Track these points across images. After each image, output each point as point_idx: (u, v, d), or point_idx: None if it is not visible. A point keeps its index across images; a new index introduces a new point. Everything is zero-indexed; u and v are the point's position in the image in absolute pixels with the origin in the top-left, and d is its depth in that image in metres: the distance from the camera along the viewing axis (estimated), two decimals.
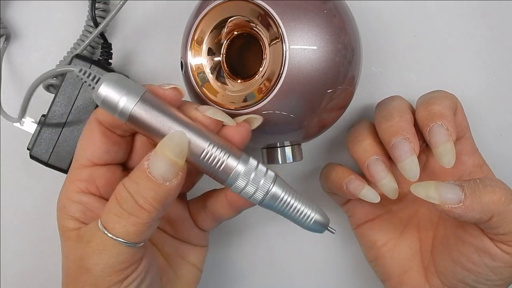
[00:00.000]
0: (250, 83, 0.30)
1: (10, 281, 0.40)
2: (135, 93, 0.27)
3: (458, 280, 0.31)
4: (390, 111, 0.32)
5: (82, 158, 0.30)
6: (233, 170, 0.28)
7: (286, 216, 0.29)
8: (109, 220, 0.27)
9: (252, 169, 0.28)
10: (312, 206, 0.29)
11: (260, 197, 0.28)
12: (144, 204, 0.26)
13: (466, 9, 0.37)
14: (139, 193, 0.26)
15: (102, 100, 0.27)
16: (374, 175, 0.32)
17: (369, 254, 0.36)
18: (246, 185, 0.28)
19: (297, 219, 0.29)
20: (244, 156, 0.28)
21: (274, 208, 0.29)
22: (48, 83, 0.37)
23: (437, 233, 0.34)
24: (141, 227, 0.26)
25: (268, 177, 0.28)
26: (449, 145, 0.30)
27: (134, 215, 0.26)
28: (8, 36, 0.38)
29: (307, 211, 0.29)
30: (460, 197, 0.28)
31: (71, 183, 0.30)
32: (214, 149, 0.27)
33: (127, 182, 0.27)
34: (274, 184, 0.28)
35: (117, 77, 0.27)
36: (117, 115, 0.27)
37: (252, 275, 0.41)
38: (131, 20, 0.38)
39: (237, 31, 0.31)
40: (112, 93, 0.27)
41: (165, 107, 0.27)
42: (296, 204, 0.28)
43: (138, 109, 0.27)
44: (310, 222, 0.29)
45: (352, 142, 0.34)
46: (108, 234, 0.26)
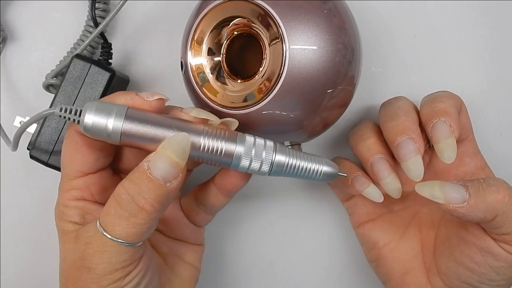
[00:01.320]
0: (250, 83, 0.30)
1: (10, 281, 0.40)
2: (119, 113, 0.27)
3: (461, 281, 0.31)
4: (396, 110, 0.32)
5: (72, 171, 0.30)
6: (234, 153, 0.28)
7: (296, 177, 0.30)
8: (109, 221, 0.27)
9: (251, 146, 0.29)
10: (317, 160, 0.30)
11: (267, 168, 0.29)
12: (145, 205, 0.26)
13: (466, 9, 0.37)
14: (139, 194, 0.26)
15: (91, 129, 0.27)
16: (378, 173, 0.32)
17: (370, 255, 0.36)
18: (251, 162, 0.29)
19: (307, 176, 0.30)
20: (240, 136, 0.29)
21: (283, 174, 0.30)
22: (48, 83, 0.37)
23: (439, 234, 0.34)
24: (141, 228, 0.26)
25: (268, 148, 0.29)
26: (451, 140, 0.30)
27: (134, 216, 0.26)
28: (5, 38, 0.38)
29: (315, 167, 0.30)
30: (465, 196, 0.28)
31: (65, 193, 0.30)
32: (209, 140, 0.28)
33: (127, 183, 0.27)
34: (276, 153, 0.29)
35: (97, 104, 0.28)
36: (109, 139, 0.28)
37: (252, 275, 0.41)
38: (131, 20, 0.38)
39: (237, 31, 0.31)
40: (98, 120, 0.27)
41: (151, 116, 0.28)
42: (302, 164, 0.30)
43: (127, 125, 0.27)
44: (320, 176, 0.30)
45: (356, 140, 0.34)
46: (107, 235, 0.26)
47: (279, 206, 0.40)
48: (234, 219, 0.40)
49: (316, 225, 0.40)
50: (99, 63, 0.35)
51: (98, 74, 0.35)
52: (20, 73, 0.39)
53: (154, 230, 0.33)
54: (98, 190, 0.31)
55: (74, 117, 0.28)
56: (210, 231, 0.40)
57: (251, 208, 0.40)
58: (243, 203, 0.40)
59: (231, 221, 0.40)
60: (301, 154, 0.30)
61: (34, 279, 0.40)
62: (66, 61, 0.36)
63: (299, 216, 0.40)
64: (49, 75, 0.37)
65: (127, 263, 0.27)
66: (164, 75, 0.38)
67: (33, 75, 0.39)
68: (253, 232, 0.41)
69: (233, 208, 0.40)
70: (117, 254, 0.27)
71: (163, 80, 0.38)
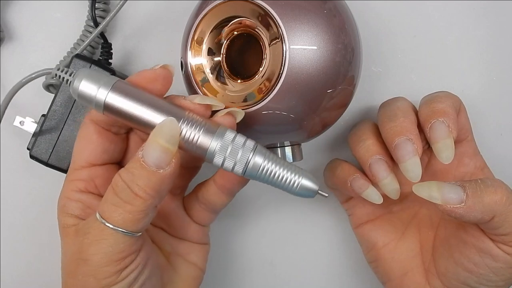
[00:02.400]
0: (250, 83, 0.30)
1: (10, 281, 0.40)
2: (107, 83, 0.28)
3: (460, 282, 0.31)
4: (394, 111, 0.32)
5: (80, 160, 0.30)
6: (208, 147, 0.28)
7: (272, 184, 0.28)
8: (106, 209, 0.27)
9: (229, 143, 0.28)
10: (298, 171, 0.28)
11: (241, 169, 0.28)
12: (139, 192, 0.26)
13: (466, 9, 0.37)
14: (133, 181, 0.26)
15: (79, 94, 0.28)
16: (376, 174, 0.32)
17: (370, 255, 0.36)
18: (224, 160, 0.28)
19: (283, 186, 0.28)
20: (220, 130, 0.28)
21: (258, 177, 0.28)
22: (48, 83, 0.37)
23: (438, 234, 0.34)
24: (137, 215, 0.27)
25: (246, 148, 0.28)
26: (449, 141, 0.30)
27: (129, 203, 0.27)
28: (2, 38, 0.38)
29: (292, 177, 0.28)
30: (462, 197, 0.28)
31: (70, 183, 0.31)
32: (188, 127, 0.28)
33: (123, 172, 0.27)
34: (254, 154, 0.28)
35: (89, 71, 0.28)
36: (95, 107, 0.28)
37: (252, 275, 0.41)
38: (131, 20, 0.38)
39: (237, 31, 0.31)
40: (86, 86, 0.28)
41: (138, 92, 0.28)
42: (280, 172, 0.28)
43: (111, 97, 0.28)
44: (297, 188, 0.28)
45: (354, 141, 0.34)
46: (105, 223, 0.27)
47: (279, 206, 0.40)
48: (234, 219, 0.40)
49: (316, 225, 0.40)
50: (99, 63, 0.35)
51: None
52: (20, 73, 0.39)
53: (157, 229, 0.33)
54: (103, 183, 0.31)
55: (68, 77, 0.29)
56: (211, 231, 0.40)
57: (251, 208, 0.40)
58: (243, 203, 0.40)
59: (231, 221, 0.40)
60: (282, 161, 0.28)
61: (34, 279, 0.40)
62: (66, 61, 0.36)
63: (299, 216, 0.40)
64: (49, 75, 0.37)
65: (124, 255, 0.27)
66: None
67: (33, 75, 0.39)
68: (253, 232, 0.41)
69: (233, 208, 0.40)
70: (114, 243, 0.27)
71: None
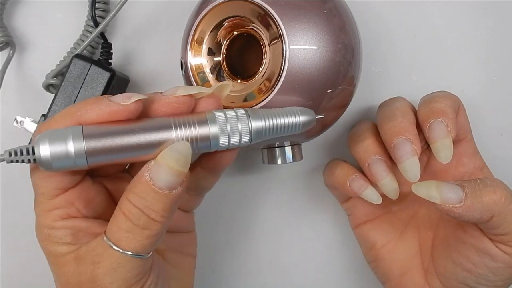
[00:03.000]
0: (250, 83, 0.30)
1: (10, 281, 0.40)
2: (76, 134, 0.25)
3: (458, 281, 0.31)
4: (393, 111, 0.32)
5: (49, 190, 0.27)
6: (210, 135, 0.27)
7: (277, 136, 0.29)
8: (122, 237, 0.26)
9: (225, 121, 0.27)
10: (292, 113, 0.29)
11: (247, 139, 0.28)
12: (156, 217, 0.26)
13: (466, 9, 0.37)
14: (148, 207, 0.25)
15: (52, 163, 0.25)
16: (375, 174, 0.32)
17: (369, 255, 0.36)
18: (229, 138, 0.27)
19: (288, 132, 0.29)
20: (210, 115, 0.27)
21: (264, 138, 0.29)
22: (48, 83, 0.37)
23: (437, 234, 0.34)
24: (154, 238, 0.26)
25: (242, 118, 0.28)
26: (447, 140, 0.30)
27: (147, 228, 0.26)
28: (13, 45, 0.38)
29: (292, 120, 0.28)
30: (461, 196, 0.28)
31: (48, 214, 0.27)
32: (181, 131, 0.27)
33: (132, 197, 0.26)
34: (251, 120, 0.28)
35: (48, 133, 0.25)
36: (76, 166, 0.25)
37: (252, 275, 0.41)
38: (131, 20, 0.38)
39: (237, 31, 0.31)
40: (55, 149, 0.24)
41: (112, 127, 0.25)
42: (279, 122, 0.28)
43: (90, 144, 0.25)
44: (300, 127, 0.29)
45: (354, 141, 0.34)
46: (124, 252, 0.25)
47: (279, 206, 0.40)
48: (234, 219, 0.40)
49: (315, 225, 0.40)
50: (99, 63, 0.35)
51: (98, 74, 0.35)
52: (20, 73, 0.39)
53: None
54: (84, 204, 0.28)
55: (28, 157, 0.25)
56: (210, 231, 0.40)
57: (251, 208, 0.40)
58: (243, 203, 0.40)
59: (231, 221, 0.40)
60: (274, 111, 0.28)
61: (35, 279, 0.40)
62: (66, 61, 0.36)
63: (299, 216, 0.40)
64: (49, 75, 0.37)
65: (142, 276, 0.27)
66: (164, 75, 0.38)
67: (33, 75, 0.39)
68: (253, 232, 0.41)
69: (233, 208, 0.40)
70: (131, 268, 0.26)
71: (163, 80, 0.38)
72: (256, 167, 0.40)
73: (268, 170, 0.40)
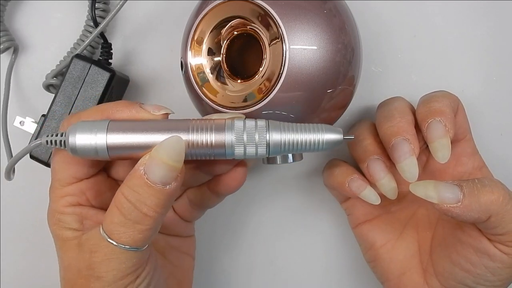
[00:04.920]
0: (250, 83, 0.30)
1: (10, 281, 0.40)
2: (101, 128, 0.27)
3: (457, 281, 0.31)
4: (392, 111, 0.32)
5: (66, 177, 0.29)
6: (225, 142, 0.27)
7: (298, 152, 0.28)
8: (114, 230, 0.26)
9: (242, 131, 0.27)
10: (317, 129, 0.28)
11: (264, 151, 0.27)
12: (148, 212, 0.26)
13: (466, 9, 0.37)
14: (141, 201, 0.26)
15: (78, 150, 0.27)
16: (374, 174, 0.32)
17: (368, 255, 0.36)
18: (245, 148, 0.27)
19: (309, 149, 0.28)
20: (229, 123, 0.27)
21: (282, 152, 0.28)
22: (48, 83, 0.37)
23: (436, 234, 0.34)
24: (147, 233, 0.26)
25: (260, 129, 0.27)
26: (445, 140, 0.30)
27: (139, 223, 0.26)
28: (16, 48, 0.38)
29: (315, 137, 0.27)
30: (459, 196, 0.28)
31: (60, 199, 0.29)
32: (198, 135, 0.27)
33: (126, 190, 0.26)
34: (270, 132, 0.27)
35: (80, 124, 0.27)
36: (98, 156, 0.27)
37: (252, 275, 0.41)
38: (131, 20, 0.38)
39: (237, 31, 0.31)
40: (82, 139, 0.27)
41: (134, 124, 0.27)
42: (301, 138, 0.27)
43: (112, 139, 0.27)
44: (323, 145, 0.28)
45: (352, 141, 0.34)
46: (114, 243, 0.26)
47: (279, 206, 0.40)
48: (234, 219, 0.40)
49: (315, 225, 0.40)
50: (99, 63, 0.35)
51: (98, 74, 0.35)
52: (20, 73, 0.39)
53: None
54: (94, 195, 0.30)
55: (61, 138, 0.28)
56: (211, 231, 0.40)
57: (251, 208, 0.40)
58: (243, 203, 0.40)
59: (231, 221, 0.40)
60: (298, 126, 0.28)
61: (35, 279, 0.40)
62: (66, 61, 0.37)
63: (298, 216, 0.40)
64: (49, 75, 0.37)
65: (136, 267, 0.27)
66: (164, 75, 0.38)
67: (33, 75, 0.39)
68: (253, 232, 0.41)
69: (233, 208, 0.40)
70: (125, 260, 0.26)
71: (163, 80, 0.38)
72: (256, 167, 0.40)
73: (268, 170, 0.40)
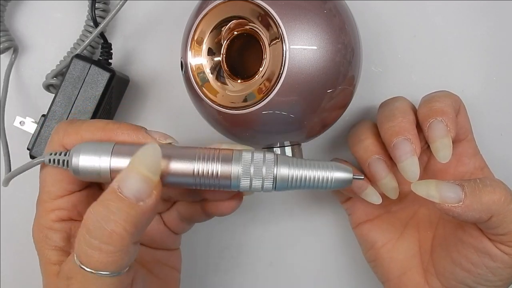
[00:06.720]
0: (250, 83, 0.30)
1: (10, 281, 0.40)
2: (106, 151, 0.27)
3: (458, 281, 0.31)
4: (393, 111, 0.32)
5: (57, 189, 0.28)
6: (231, 174, 0.26)
7: (306, 189, 0.27)
8: (82, 252, 0.24)
9: (249, 163, 0.27)
10: (326, 167, 0.27)
11: (270, 185, 0.27)
12: (115, 229, 0.23)
13: (466, 9, 0.37)
14: (108, 216, 0.23)
15: (81, 171, 0.27)
16: (375, 174, 0.32)
17: (369, 255, 0.36)
18: (251, 181, 0.27)
19: (317, 186, 0.27)
20: (237, 154, 0.27)
21: (289, 188, 0.27)
22: (48, 83, 0.37)
23: (437, 234, 0.34)
24: (117, 256, 0.23)
25: (268, 163, 0.27)
26: (447, 140, 0.30)
27: (105, 243, 0.23)
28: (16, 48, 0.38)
29: (324, 175, 0.27)
30: (460, 196, 0.28)
31: (49, 213, 0.28)
32: (203, 164, 0.26)
33: (95, 206, 0.24)
34: (278, 166, 0.27)
35: (85, 145, 0.27)
36: (101, 179, 0.27)
37: (252, 275, 0.41)
38: (131, 20, 0.38)
39: (237, 31, 0.31)
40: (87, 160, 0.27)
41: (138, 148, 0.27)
42: (309, 174, 0.27)
43: (116, 162, 0.26)
44: (332, 183, 0.27)
45: (354, 141, 0.34)
46: (85, 268, 0.24)
47: (279, 206, 0.40)
48: (234, 219, 0.40)
49: (315, 225, 0.40)
50: (99, 63, 0.35)
51: (98, 74, 0.35)
52: (20, 73, 0.39)
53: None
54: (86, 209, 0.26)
55: (64, 158, 0.27)
56: (210, 232, 0.40)
57: (251, 208, 0.40)
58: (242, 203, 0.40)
59: (230, 221, 0.40)
60: (307, 162, 0.27)
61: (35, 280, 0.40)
62: (66, 61, 0.37)
63: (298, 216, 0.40)
64: (49, 75, 0.37)
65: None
66: (164, 75, 0.38)
67: (33, 75, 0.39)
68: (252, 232, 0.41)
69: None
70: (102, 286, 0.24)
71: (163, 80, 0.38)
72: None
73: None
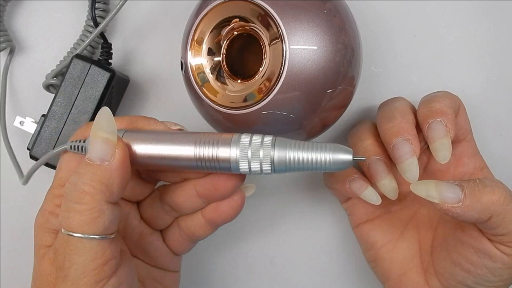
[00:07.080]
0: (250, 83, 0.30)
1: (10, 281, 0.40)
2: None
3: (457, 282, 0.31)
4: (392, 112, 0.32)
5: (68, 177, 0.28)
6: (230, 158, 0.27)
7: (305, 170, 0.27)
8: (63, 218, 0.26)
9: (247, 146, 0.27)
10: (325, 148, 0.27)
11: (269, 168, 0.27)
12: (84, 188, 0.26)
13: (466, 9, 0.37)
14: (78, 180, 0.26)
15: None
16: (375, 174, 0.32)
17: (368, 255, 0.36)
18: (250, 164, 0.27)
19: (316, 168, 0.27)
20: (235, 138, 0.27)
21: (289, 169, 0.27)
22: (48, 83, 0.37)
23: (437, 234, 0.34)
24: (90, 214, 0.25)
25: (266, 145, 0.27)
26: (446, 140, 0.30)
27: (79, 203, 0.25)
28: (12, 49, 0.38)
29: (323, 156, 0.27)
30: (460, 196, 0.28)
31: (55, 198, 0.29)
32: (203, 148, 0.27)
33: (71, 176, 0.27)
34: (276, 148, 0.27)
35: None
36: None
37: (252, 275, 0.41)
38: (131, 20, 0.38)
39: (237, 31, 0.31)
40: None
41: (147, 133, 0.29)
42: (308, 156, 0.27)
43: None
44: (331, 164, 0.27)
45: (353, 141, 0.34)
46: (66, 232, 0.26)
47: (279, 206, 0.40)
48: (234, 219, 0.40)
49: (315, 225, 0.40)
50: (99, 63, 0.35)
51: (98, 74, 0.35)
52: (20, 73, 0.39)
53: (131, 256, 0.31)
54: None
55: (83, 144, 0.29)
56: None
57: (251, 208, 0.40)
58: None
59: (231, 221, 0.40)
60: (306, 144, 0.27)
61: None
62: (66, 61, 0.37)
63: (299, 216, 0.40)
64: (49, 75, 0.37)
65: (99, 262, 0.26)
66: (164, 75, 0.38)
67: (33, 75, 0.39)
68: (253, 232, 0.41)
69: None
70: (83, 252, 0.25)
71: (163, 80, 0.38)
72: None
73: None
